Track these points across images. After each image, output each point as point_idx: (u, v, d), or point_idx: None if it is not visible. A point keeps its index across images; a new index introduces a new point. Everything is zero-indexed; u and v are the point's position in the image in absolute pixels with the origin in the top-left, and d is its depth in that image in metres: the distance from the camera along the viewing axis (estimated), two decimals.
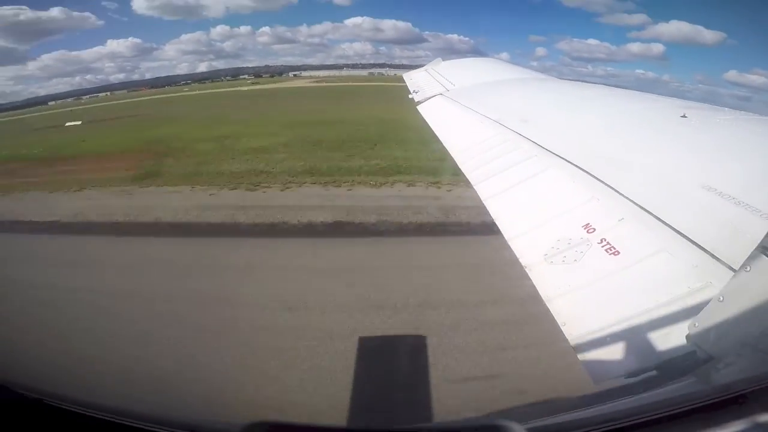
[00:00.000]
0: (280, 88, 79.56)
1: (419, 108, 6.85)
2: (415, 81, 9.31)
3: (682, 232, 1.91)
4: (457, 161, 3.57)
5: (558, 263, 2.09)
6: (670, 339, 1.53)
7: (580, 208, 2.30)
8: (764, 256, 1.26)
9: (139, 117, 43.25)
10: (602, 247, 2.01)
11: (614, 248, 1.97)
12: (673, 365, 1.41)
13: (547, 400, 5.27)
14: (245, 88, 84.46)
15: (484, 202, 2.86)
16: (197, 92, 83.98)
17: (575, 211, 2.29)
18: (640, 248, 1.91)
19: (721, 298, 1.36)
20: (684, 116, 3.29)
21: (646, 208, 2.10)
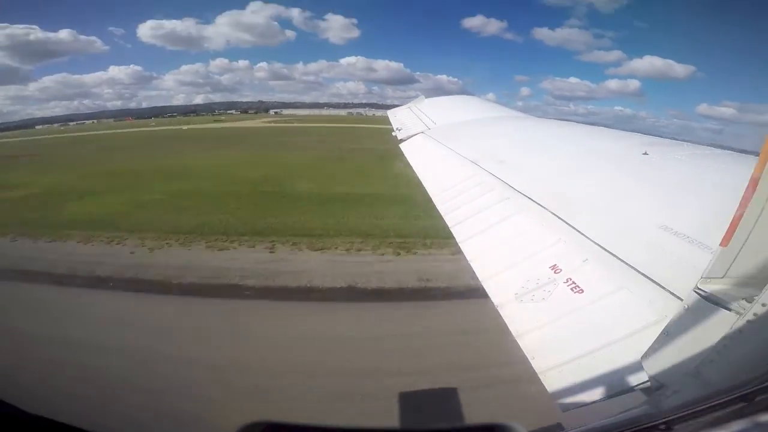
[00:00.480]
0: (224, 128, 77.65)
1: (402, 146, 7.16)
2: (399, 119, 9.74)
3: (640, 270, 2.10)
4: (435, 202, 3.78)
5: (527, 302, 2.26)
6: (629, 369, 1.69)
7: (548, 249, 2.49)
8: (697, 295, 1.44)
9: (43, 156, 38.93)
10: (568, 286, 2.18)
11: (579, 287, 2.14)
12: (630, 392, 1.57)
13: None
14: (200, 126, 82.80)
15: (459, 244, 3.04)
16: (154, 128, 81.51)
17: (544, 252, 2.48)
18: (602, 286, 2.08)
19: (667, 333, 1.53)
20: (646, 153, 3.59)
21: (607, 248, 2.31)
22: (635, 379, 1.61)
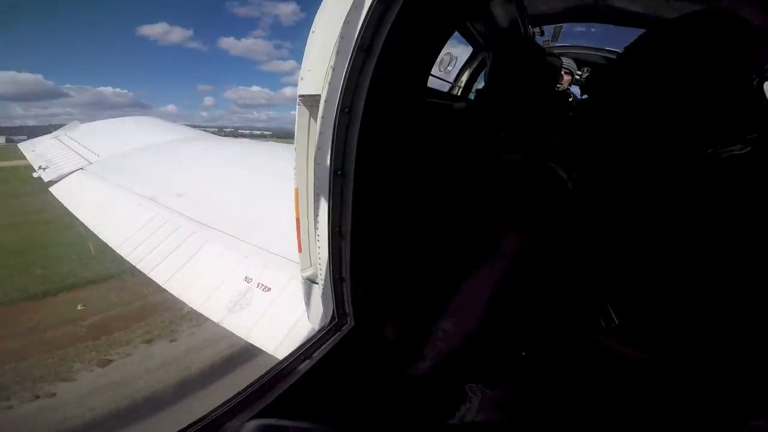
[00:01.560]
0: None
1: (53, 190, 5.62)
2: (43, 152, 7.32)
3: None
4: (120, 253, 3.50)
5: (238, 311, 2.80)
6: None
7: (238, 266, 3.08)
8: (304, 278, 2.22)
9: None
10: (260, 289, 2.85)
11: (267, 286, 2.84)
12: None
13: None
14: None
15: (163, 285, 3.11)
16: None
17: (236, 269, 3.06)
18: (280, 280, 2.87)
19: (308, 301, 2.33)
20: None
21: (279, 254, 3.11)
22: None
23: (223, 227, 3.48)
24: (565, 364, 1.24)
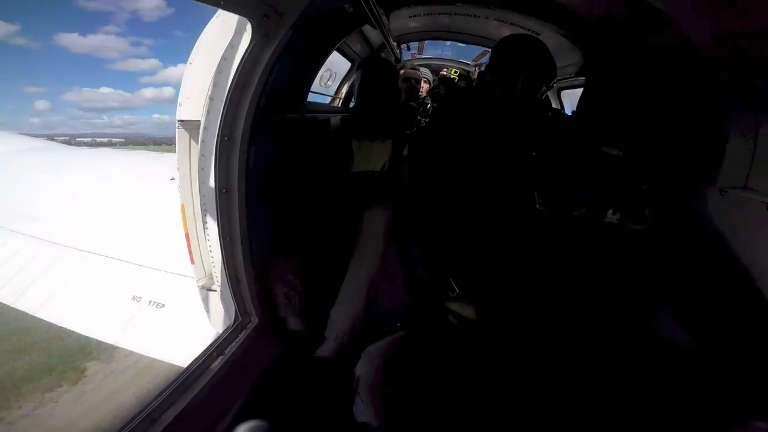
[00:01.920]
0: None
1: None
2: None
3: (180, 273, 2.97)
4: None
5: (132, 330, 2.77)
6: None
7: (123, 286, 2.98)
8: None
9: None
10: (152, 306, 2.78)
11: (159, 303, 2.79)
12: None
13: None
14: None
15: (45, 318, 2.97)
16: None
17: (121, 290, 2.96)
18: (170, 294, 2.86)
19: (206, 306, 2.42)
20: (173, 179, 4.37)
21: (159, 268, 3.05)
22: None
23: (93, 248, 3.27)
24: (428, 327, 1.63)
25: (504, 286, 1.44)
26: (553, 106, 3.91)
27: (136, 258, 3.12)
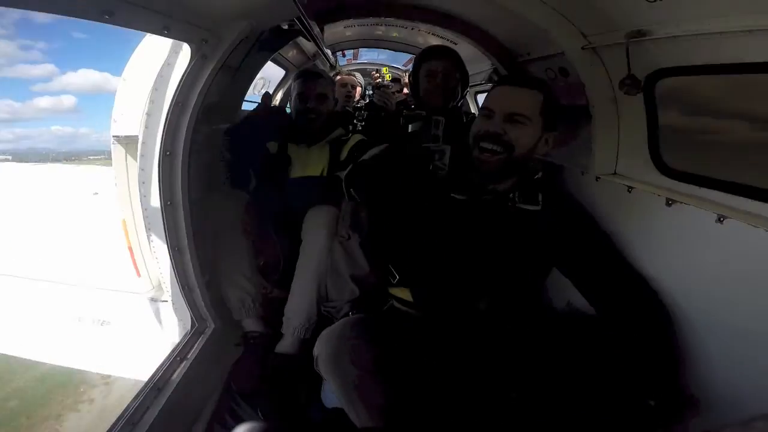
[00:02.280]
0: None
1: None
2: None
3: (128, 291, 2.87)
4: None
5: (82, 350, 2.71)
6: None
7: (65, 309, 2.84)
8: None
9: None
10: (97, 324, 2.70)
11: (104, 320, 2.74)
12: None
13: None
14: None
15: None
16: None
17: (62, 313, 2.83)
18: (115, 311, 2.77)
19: (158, 318, 2.43)
20: (96, 193, 3.97)
21: (96, 286, 2.93)
22: None
23: (16, 271, 3.08)
24: (375, 310, 1.79)
25: (432, 270, 1.58)
26: (472, 107, 4.36)
27: (65, 277, 2.98)
